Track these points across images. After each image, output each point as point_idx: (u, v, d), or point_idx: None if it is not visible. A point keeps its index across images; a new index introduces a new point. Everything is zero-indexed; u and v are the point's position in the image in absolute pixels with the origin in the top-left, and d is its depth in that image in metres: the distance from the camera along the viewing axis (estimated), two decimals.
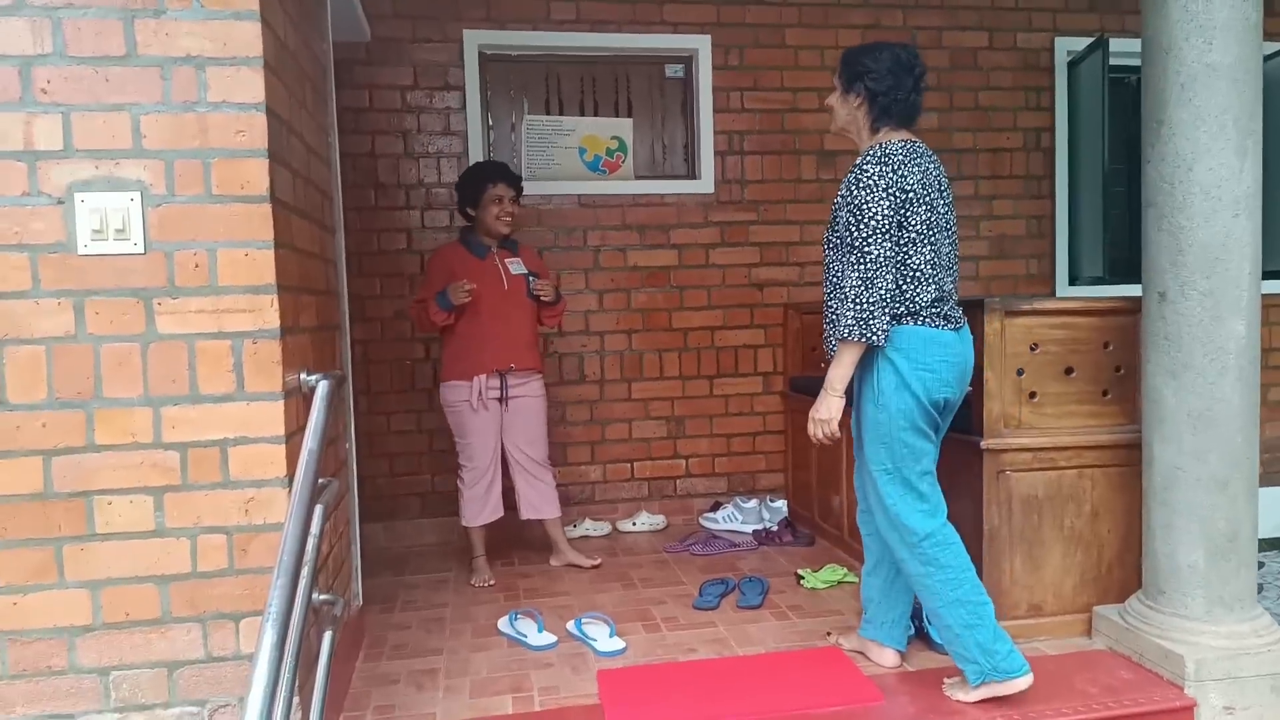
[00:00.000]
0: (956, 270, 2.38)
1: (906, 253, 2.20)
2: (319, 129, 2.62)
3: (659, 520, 4.25)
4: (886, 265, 2.15)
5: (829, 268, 2.33)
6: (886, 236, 2.15)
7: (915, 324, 2.22)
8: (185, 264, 1.92)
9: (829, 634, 2.80)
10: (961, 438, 2.76)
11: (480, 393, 3.46)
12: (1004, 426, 2.70)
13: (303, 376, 2.15)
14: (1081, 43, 4.49)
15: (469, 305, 3.40)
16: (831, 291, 2.30)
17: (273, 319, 1.95)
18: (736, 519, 4.16)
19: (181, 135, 1.90)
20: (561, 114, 4.29)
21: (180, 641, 1.95)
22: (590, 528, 4.16)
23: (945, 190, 2.31)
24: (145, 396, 1.91)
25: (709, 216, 4.31)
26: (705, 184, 4.29)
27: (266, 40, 1.96)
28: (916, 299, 2.22)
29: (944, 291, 2.26)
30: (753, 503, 4.17)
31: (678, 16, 4.23)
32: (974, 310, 2.66)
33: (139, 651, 1.94)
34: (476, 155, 4.08)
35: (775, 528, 4.01)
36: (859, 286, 2.15)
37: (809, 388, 4.07)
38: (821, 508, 3.99)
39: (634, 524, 4.23)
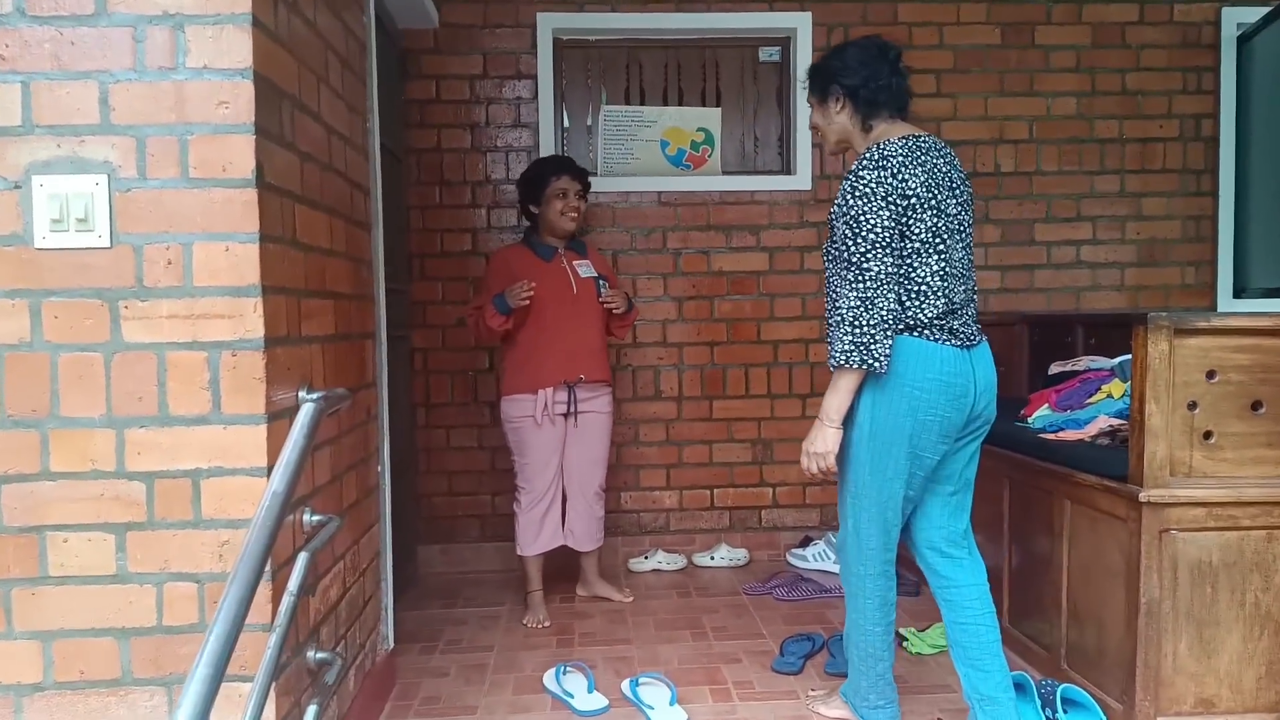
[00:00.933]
0: (972, 279, 2.10)
1: (911, 265, 1.97)
2: (349, 112, 2.31)
3: (740, 555, 3.80)
4: (888, 282, 1.93)
5: (829, 283, 2.08)
6: (888, 250, 1.93)
7: (914, 336, 1.99)
8: (156, 260, 1.61)
9: (939, 718, 2.31)
10: (1113, 486, 2.22)
11: (546, 406, 3.11)
12: (1170, 474, 2.14)
13: (302, 395, 1.82)
14: (1255, 13, 3.81)
15: (533, 311, 3.05)
16: (830, 311, 2.05)
17: (255, 327, 1.63)
18: (829, 558, 3.66)
19: (156, 107, 1.60)
20: (643, 103, 3.90)
21: (142, 708, 1.65)
22: (663, 560, 3.75)
23: (959, 188, 2.06)
24: (108, 416, 1.61)
25: (805, 216, 3.84)
26: (801, 180, 3.82)
27: None
28: (921, 314, 1.98)
29: (954, 304, 2.01)
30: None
31: None
32: (1135, 326, 2.13)
33: (94, 717, 1.64)
34: (549, 149, 3.74)
35: None
36: (858, 307, 1.93)
37: None
38: None
39: (712, 558, 3.79)
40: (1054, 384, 3.08)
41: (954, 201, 2.03)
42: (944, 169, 2.03)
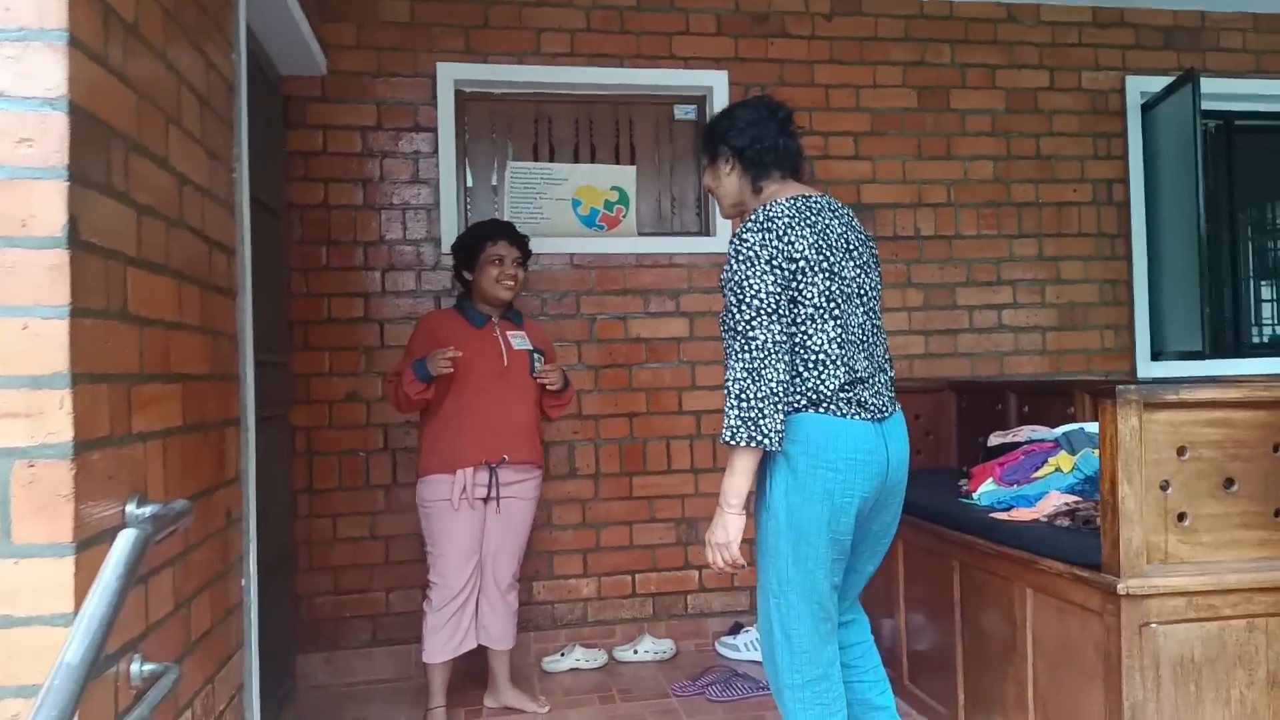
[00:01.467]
0: (879, 346, 1.98)
1: (805, 332, 1.84)
2: (209, 159, 1.96)
3: (666, 647, 3.46)
4: (776, 351, 1.79)
5: (728, 354, 1.89)
6: (775, 317, 1.80)
7: (817, 412, 1.84)
8: None
9: None
10: (1085, 575, 2.01)
11: (465, 489, 2.75)
12: (1146, 561, 1.95)
13: (130, 510, 1.42)
14: (1157, 83, 3.87)
15: (457, 381, 2.76)
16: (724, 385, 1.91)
17: (62, 427, 1.24)
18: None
19: None
20: (552, 160, 3.65)
21: None
22: (581, 658, 3.37)
23: (856, 249, 1.95)
24: None
25: None
26: (721, 241, 3.63)
27: (80, 10, 1.30)
28: (821, 387, 1.84)
29: (856, 373, 1.88)
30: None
31: (690, 50, 3.63)
32: (1101, 400, 1.95)
33: None
34: (449, 207, 3.43)
35: None
36: (744, 379, 1.78)
37: None
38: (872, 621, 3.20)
39: (635, 651, 3.44)
40: (994, 456, 2.91)
41: (850, 264, 1.91)
42: (838, 230, 1.92)
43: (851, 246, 1.93)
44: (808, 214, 1.87)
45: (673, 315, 3.60)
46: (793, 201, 1.88)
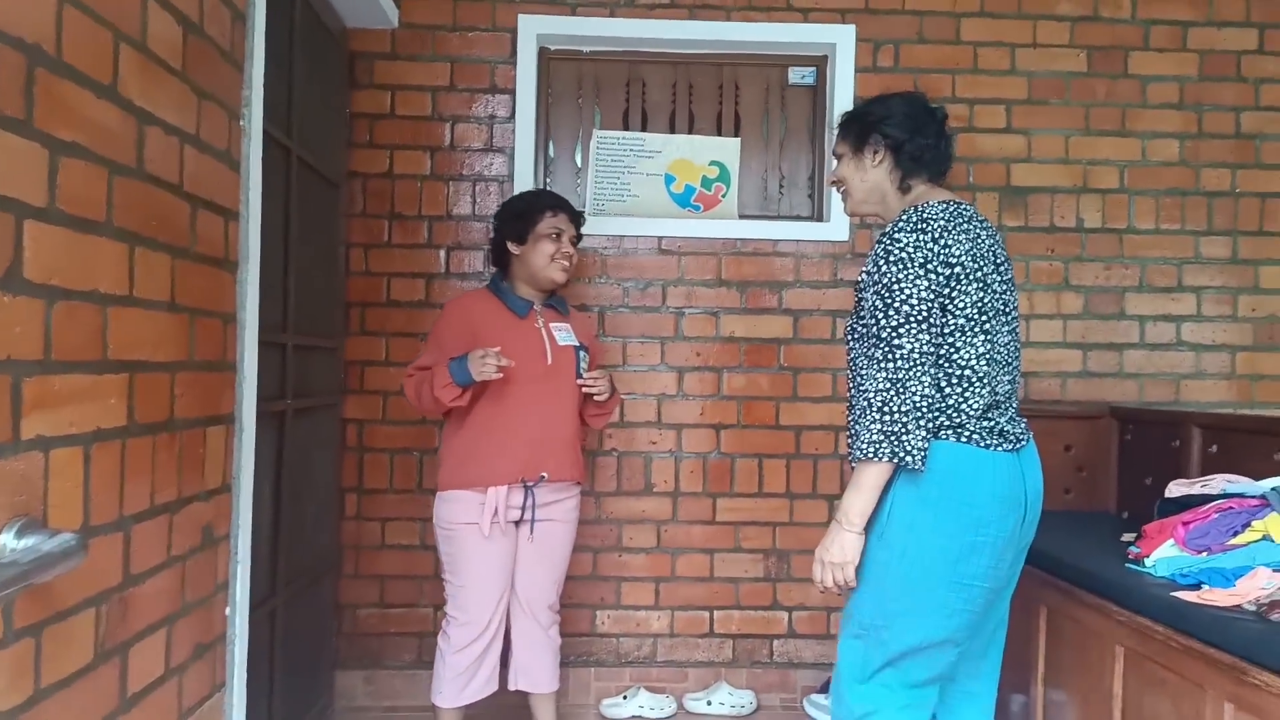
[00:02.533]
0: (1018, 369, 1.87)
1: (953, 345, 1.73)
2: (196, 98, 1.60)
3: (746, 700, 2.98)
4: (923, 363, 1.68)
5: (853, 363, 1.84)
6: (924, 326, 1.68)
7: (958, 440, 1.72)
8: None
9: None
10: None
11: (496, 511, 2.35)
12: None
13: (5, 541, 1.07)
14: None
15: (494, 383, 2.31)
16: (854, 395, 1.82)
17: None
18: None
19: None
20: (644, 129, 3.20)
21: None
22: (647, 704, 2.93)
23: (1003, 264, 1.84)
24: None
25: (840, 274, 3.10)
26: (837, 229, 3.09)
27: None
28: (964, 407, 1.73)
29: (998, 397, 1.78)
30: None
31: (810, 0, 3.10)
32: None
33: None
34: (525, 179, 3.04)
35: None
36: (888, 390, 1.67)
37: None
38: (999, 706, 2.63)
39: (709, 702, 2.97)
40: (1174, 510, 2.28)
41: (999, 278, 1.80)
42: (987, 242, 1.80)
43: (999, 261, 1.82)
44: (961, 220, 1.76)
45: (774, 312, 3.09)
46: (946, 205, 1.77)
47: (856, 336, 1.82)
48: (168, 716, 1.55)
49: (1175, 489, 2.34)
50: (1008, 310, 1.83)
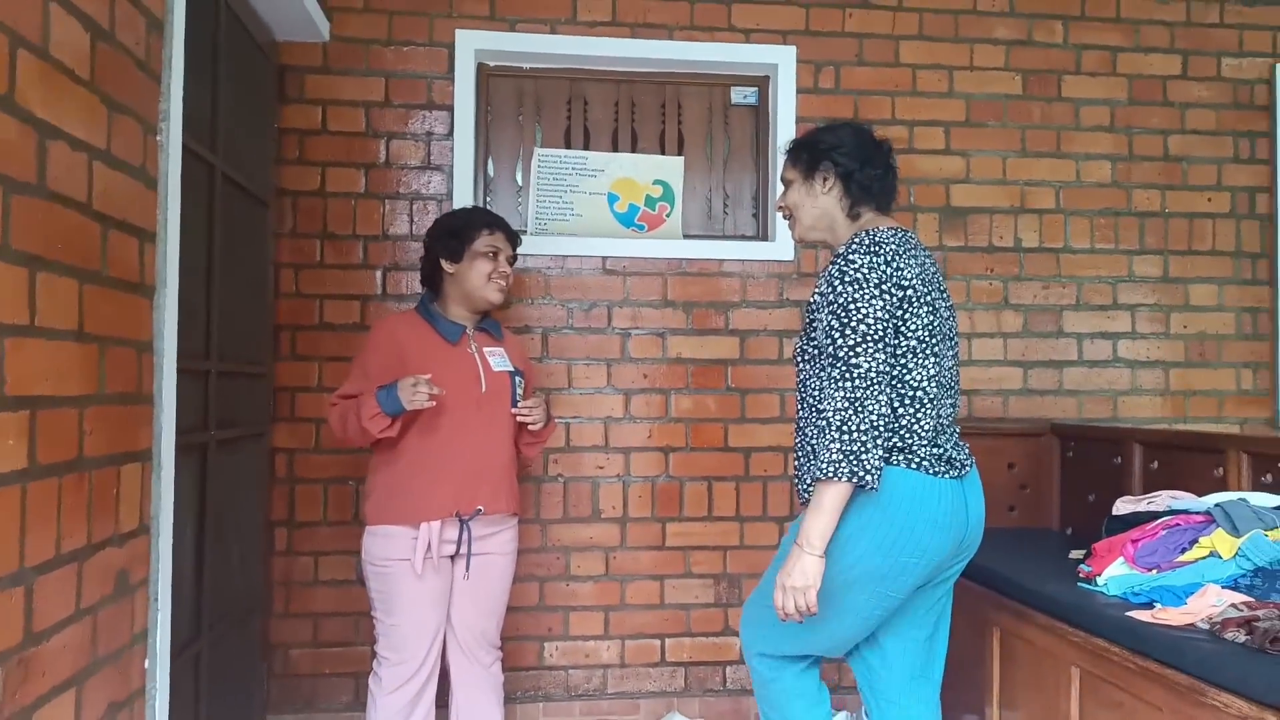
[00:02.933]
0: (958, 395, 1.93)
1: (905, 367, 1.77)
2: (112, 115, 1.48)
3: None
4: (880, 382, 1.70)
5: (804, 385, 1.89)
6: (880, 345, 1.71)
7: (907, 465, 1.76)
8: None
9: None
10: None
11: (430, 547, 2.23)
12: None
13: None
14: None
15: (425, 412, 2.19)
16: (807, 416, 1.87)
17: None
18: None
19: None
20: (587, 148, 3.15)
21: None
22: None
23: (945, 291, 1.91)
24: None
25: (785, 293, 3.08)
26: (782, 248, 3.07)
27: None
28: (915, 429, 1.77)
29: (943, 420, 1.83)
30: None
31: (752, 21, 3.09)
32: None
33: None
34: (465, 197, 2.95)
35: None
36: (845, 410, 1.68)
37: None
38: None
39: None
40: (1121, 528, 2.30)
41: (943, 304, 1.87)
42: (931, 268, 1.87)
43: (941, 286, 1.89)
44: (908, 245, 1.81)
45: (721, 333, 3.05)
46: (895, 231, 1.82)
47: (807, 358, 1.85)
48: None
49: (1122, 506, 2.36)
50: (951, 335, 1.88)
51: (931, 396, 1.78)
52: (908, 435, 1.76)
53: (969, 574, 2.51)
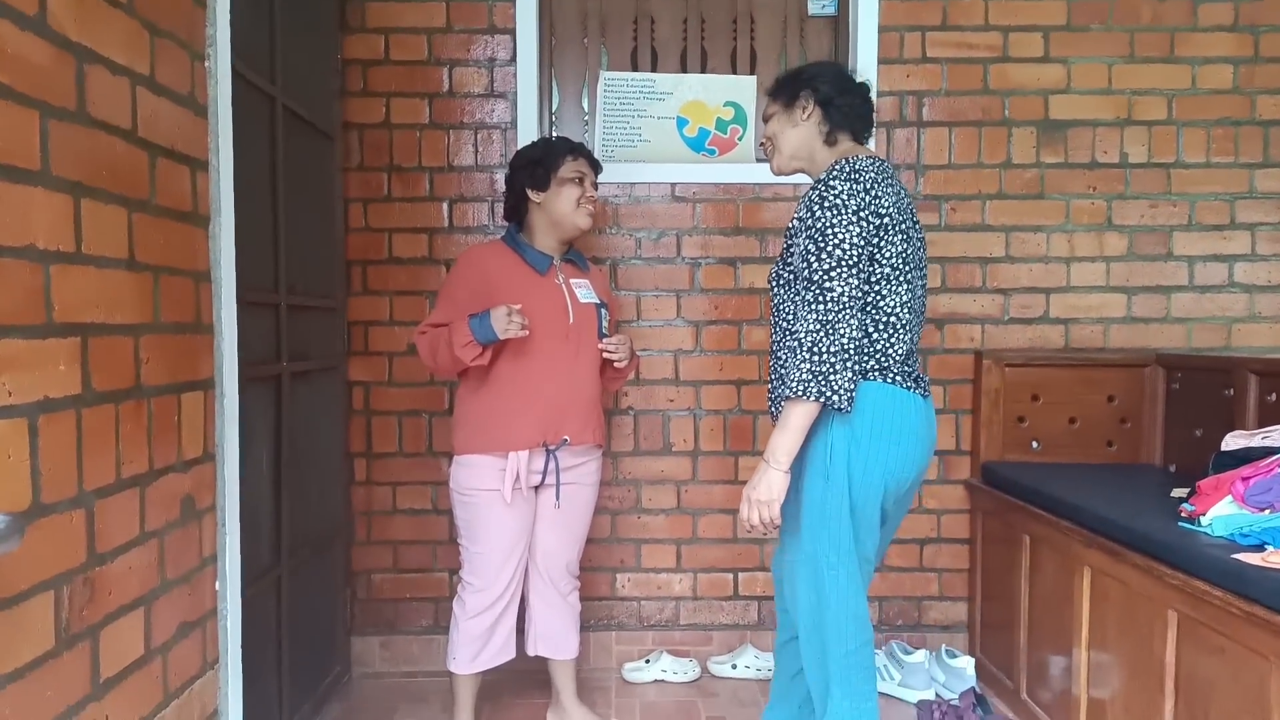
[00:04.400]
0: (922, 323, 1.99)
1: (879, 293, 1.81)
2: (154, 38, 1.46)
3: (772, 663, 2.87)
4: (852, 307, 1.74)
5: (778, 310, 1.94)
6: (855, 271, 1.74)
7: (885, 381, 1.82)
8: None
9: None
10: None
11: (517, 477, 2.24)
12: None
13: None
14: None
15: (514, 341, 2.20)
16: (780, 339, 1.92)
17: None
18: (890, 677, 2.73)
19: None
20: (654, 69, 3.02)
21: None
22: (670, 668, 2.84)
23: (917, 221, 1.94)
24: None
25: None
26: None
27: None
28: (889, 352, 1.83)
29: (912, 345, 1.90)
30: (918, 655, 2.73)
31: None
32: None
33: None
34: (529, 125, 2.88)
35: (955, 701, 2.56)
36: (817, 332, 1.72)
37: (1013, 480, 2.65)
38: (1033, 671, 2.51)
39: (734, 666, 2.88)
40: (1230, 464, 2.12)
41: (916, 234, 1.91)
42: (906, 199, 1.89)
43: (914, 217, 1.92)
44: (886, 175, 1.83)
45: None
46: (873, 160, 1.84)
47: (782, 283, 1.90)
48: (150, 698, 1.46)
49: (1232, 441, 2.17)
50: (921, 264, 1.92)
51: (904, 322, 1.83)
52: (883, 358, 1.81)
53: (1054, 509, 2.39)
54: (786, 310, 1.88)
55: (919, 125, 2.91)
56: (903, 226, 1.82)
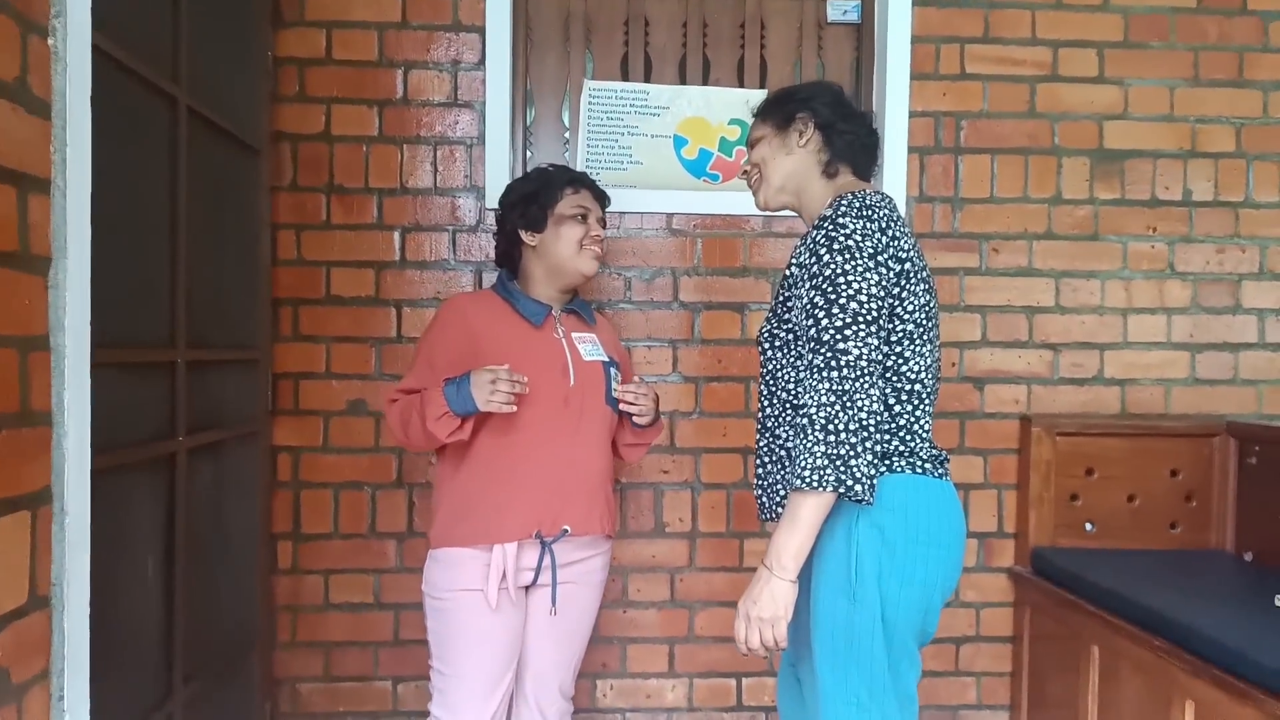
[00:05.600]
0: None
1: (901, 355, 1.50)
2: None
3: None
4: (872, 373, 1.40)
5: (773, 377, 1.59)
6: (874, 329, 1.41)
7: (913, 470, 1.49)
8: None
9: None
10: None
11: (504, 576, 1.76)
12: None
13: None
14: None
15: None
16: (777, 413, 1.58)
17: None
18: None
19: None
20: (648, 80, 2.57)
21: None
22: None
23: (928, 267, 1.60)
24: None
25: None
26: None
27: None
28: (914, 428, 1.51)
29: (931, 418, 1.58)
30: None
31: None
32: None
33: None
34: (499, 141, 2.41)
35: None
36: (831, 405, 1.37)
37: (1070, 570, 2.25)
38: None
39: None
40: None
41: (931, 281, 1.59)
42: (916, 245, 1.57)
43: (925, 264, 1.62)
44: (897, 213, 1.55)
45: None
46: (883, 196, 1.56)
47: (778, 344, 1.58)
48: None
49: None
50: (937, 319, 1.62)
51: (928, 389, 1.55)
52: (907, 436, 1.51)
53: (1137, 617, 1.98)
54: (785, 378, 1.57)
55: (956, 151, 2.51)
56: (924, 274, 1.55)
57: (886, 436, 1.50)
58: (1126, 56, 2.53)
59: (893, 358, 1.50)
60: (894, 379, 1.50)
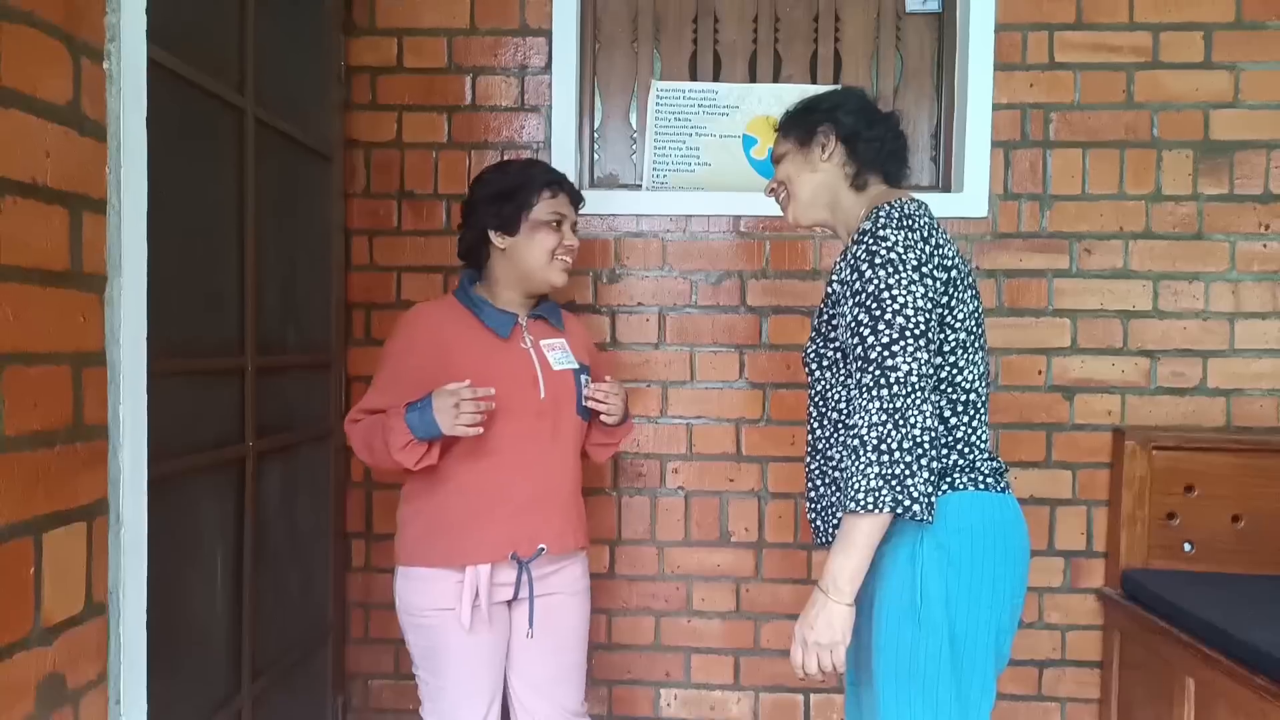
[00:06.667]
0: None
1: (954, 365, 1.46)
2: (11, 26, 1.00)
3: None
4: (925, 388, 1.36)
5: (822, 397, 1.55)
6: (923, 343, 1.37)
7: (975, 488, 1.45)
8: None
9: None
10: None
11: (478, 595, 1.75)
12: None
13: None
14: None
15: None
16: (828, 434, 1.53)
17: None
18: None
19: None
20: (717, 78, 2.51)
21: None
22: None
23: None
24: None
25: (978, 260, 2.38)
26: (971, 201, 2.36)
27: None
28: (972, 440, 1.48)
29: (987, 430, 1.52)
30: None
31: None
32: None
33: None
34: (566, 144, 2.39)
35: None
36: (883, 424, 1.34)
37: (1165, 596, 2.10)
38: None
39: None
40: None
41: (978, 288, 1.56)
42: (958, 249, 1.53)
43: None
44: (935, 220, 1.52)
45: None
46: (919, 203, 1.52)
47: (826, 364, 1.54)
48: None
49: None
50: (984, 326, 1.58)
51: (984, 399, 1.51)
52: (966, 449, 1.47)
53: (1240, 654, 1.82)
54: (836, 397, 1.53)
55: (1045, 145, 2.36)
56: (971, 280, 1.53)
57: (945, 451, 1.46)
58: (1238, 39, 2.33)
59: (946, 368, 1.47)
60: (949, 390, 1.47)
